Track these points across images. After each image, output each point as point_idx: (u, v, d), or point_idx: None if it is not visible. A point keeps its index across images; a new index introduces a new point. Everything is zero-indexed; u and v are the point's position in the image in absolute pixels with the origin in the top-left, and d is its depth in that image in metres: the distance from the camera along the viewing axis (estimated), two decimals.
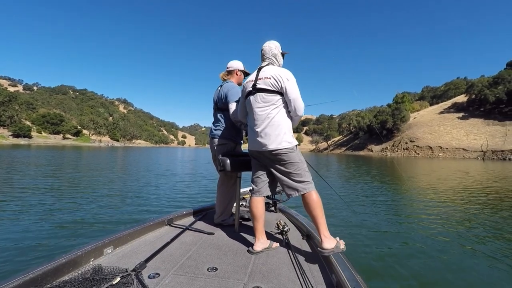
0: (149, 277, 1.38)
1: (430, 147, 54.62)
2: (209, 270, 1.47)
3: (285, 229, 2.01)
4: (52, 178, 8.39)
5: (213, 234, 2.07)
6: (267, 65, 1.82)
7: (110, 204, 5.15)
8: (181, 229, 2.12)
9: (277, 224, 2.11)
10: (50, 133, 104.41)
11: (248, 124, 1.90)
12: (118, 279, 1.28)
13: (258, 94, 1.75)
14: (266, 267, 1.53)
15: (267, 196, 1.95)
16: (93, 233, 3.48)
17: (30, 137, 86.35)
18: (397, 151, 59.20)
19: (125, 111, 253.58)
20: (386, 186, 9.00)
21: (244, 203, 2.80)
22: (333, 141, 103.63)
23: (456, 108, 71.84)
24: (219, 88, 2.31)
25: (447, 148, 52.14)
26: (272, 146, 1.69)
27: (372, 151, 66.36)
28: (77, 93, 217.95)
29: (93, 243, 1.59)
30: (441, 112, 72.37)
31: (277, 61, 1.87)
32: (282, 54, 1.92)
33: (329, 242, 1.59)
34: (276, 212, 2.75)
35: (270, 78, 1.72)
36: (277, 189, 2.17)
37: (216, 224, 2.30)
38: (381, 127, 68.96)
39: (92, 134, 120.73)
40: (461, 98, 76.59)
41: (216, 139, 2.25)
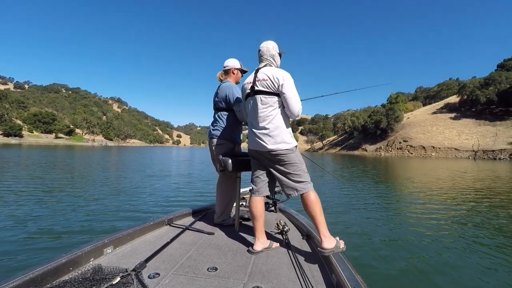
0: (149, 277, 1.38)
1: (423, 147, 55.41)
2: (209, 270, 1.47)
3: (285, 229, 2.01)
4: (49, 178, 8.28)
5: (213, 234, 2.07)
6: (265, 66, 1.83)
7: (110, 204, 5.12)
8: (181, 229, 2.12)
9: (277, 224, 2.12)
10: (42, 132, 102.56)
11: (248, 125, 1.92)
12: (118, 279, 1.28)
13: (257, 96, 1.76)
14: (266, 267, 1.53)
15: (267, 196, 1.95)
16: (93, 233, 3.46)
17: (21, 136, 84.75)
18: (391, 151, 59.88)
19: (119, 110, 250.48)
20: (385, 186, 9.05)
21: (244, 203, 2.80)
22: (328, 141, 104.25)
23: (449, 109, 73.01)
24: (217, 89, 2.31)
25: (440, 148, 52.96)
26: (271, 147, 1.71)
27: (367, 151, 66.97)
28: (70, 92, 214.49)
29: (93, 243, 1.59)
30: (434, 113, 73.46)
31: (275, 62, 1.88)
32: (279, 54, 1.93)
33: (329, 242, 1.60)
34: (276, 212, 2.75)
35: (268, 80, 1.73)
36: (277, 189, 2.17)
37: (216, 224, 2.30)
38: (375, 127, 69.66)
39: (85, 134, 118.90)
40: (453, 99, 77.88)
41: (215, 139, 2.25)
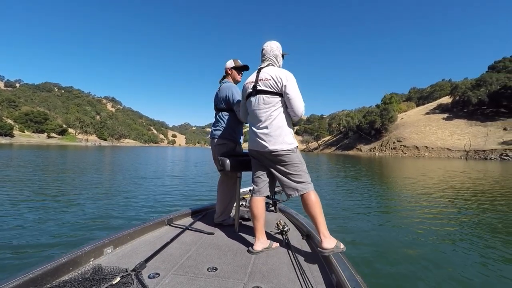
0: (149, 277, 1.37)
1: (417, 147, 56.17)
2: (209, 270, 1.47)
3: (285, 229, 2.01)
4: (46, 178, 8.19)
5: (213, 234, 2.07)
6: (267, 66, 1.82)
7: (109, 205, 5.10)
8: (181, 229, 2.11)
9: (277, 224, 2.12)
10: (34, 132, 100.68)
11: (249, 124, 1.91)
12: (118, 279, 1.28)
13: (259, 96, 1.75)
14: (266, 267, 1.53)
15: (267, 196, 1.95)
16: (93, 233, 3.45)
17: (12, 136, 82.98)
18: (385, 151, 60.54)
19: (113, 110, 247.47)
20: (383, 186, 9.11)
21: (244, 203, 2.80)
22: (323, 141, 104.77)
23: (441, 109, 74.17)
24: (218, 89, 2.33)
25: (433, 148, 53.77)
26: (273, 147, 1.70)
27: (361, 151, 67.57)
28: (63, 91, 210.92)
29: (93, 243, 1.58)
30: (427, 113, 74.55)
31: (278, 62, 1.87)
32: (282, 55, 1.93)
33: (329, 242, 1.60)
34: (276, 212, 2.75)
35: (270, 80, 1.72)
36: (277, 189, 2.17)
37: (216, 224, 2.30)
38: (370, 127, 70.37)
39: (79, 133, 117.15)
40: (446, 100, 79.16)
41: (216, 139, 2.26)
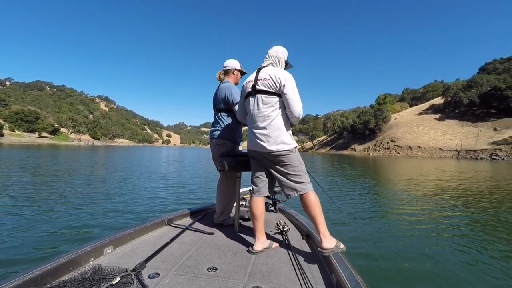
0: (149, 277, 1.37)
1: (410, 147, 56.99)
2: (209, 270, 1.47)
3: (285, 229, 2.01)
4: (43, 179, 8.08)
5: (213, 234, 2.07)
6: (267, 66, 1.81)
7: (109, 205, 5.08)
8: (181, 229, 2.11)
9: (277, 224, 2.12)
10: (25, 131, 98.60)
11: (247, 125, 1.90)
12: (118, 279, 1.27)
13: (258, 96, 1.74)
14: (266, 267, 1.53)
15: (267, 196, 1.95)
16: (93, 233, 3.44)
17: (2, 135, 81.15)
18: (379, 151, 61.23)
19: (107, 109, 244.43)
20: (382, 187, 9.12)
21: (244, 203, 2.80)
22: (318, 141, 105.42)
23: (434, 110, 75.39)
24: (217, 89, 2.30)
25: (425, 148, 54.62)
26: (271, 148, 1.70)
27: (356, 151, 68.19)
28: (55, 89, 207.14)
29: (93, 243, 1.58)
30: (420, 113, 75.67)
31: (279, 64, 1.86)
32: (286, 63, 1.92)
33: (329, 242, 1.60)
34: (276, 212, 2.75)
35: (269, 79, 1.71)
36: (277, 189, 2.17)
37: (216, 224, 2.29)
38: (364, 127, 71.08)
39: (71, 133, 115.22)
40: (438, 100, 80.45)
41: (216, 140, 2.25)
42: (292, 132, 1.85)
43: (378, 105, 77.28)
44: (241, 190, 2.94)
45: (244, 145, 2.11)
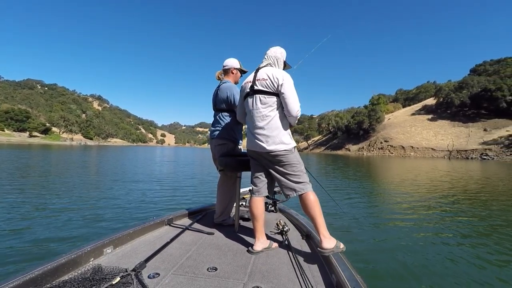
0: (149, 277, 1.37)
1: (403, 147, 57.77)
2: (209, 270, 1.47)
3: (285, 229, 2.01)
4: (40, 179, 7.98)
5: (213, 234, 2.07)
6: (266, 66, 1.83)
7: (108, 205, 5.07)
8: (181, 229, 2.11)
9: (277, 224, 2.12)
10: (15, 131, 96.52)
11: (247, 125, 1.91)
12: (118, 279, 1.27)
13: (256, 96, 1.75)
14: (266, 267, 1.53)
15: (267, 196, 1.95)
16: (93, 233, 3.43)
17: None
18: (373, 151, 61.90)
19: (100, 108, 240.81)
20: (381, 187, 9.16)
21: (244, 203, 2.80)
22: (313, 141, 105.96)
23: (426, 110, 76.59)
24: (217, 89, 2.29)
25: (418, 148, 55.44)
26: (270, 148, 1.70)
27: (350, 151, 68.79)
28: (46, 88, 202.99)
29: (93, 243, 1.57)
30: (413, 114, 76.78)
31: (277, 65, 1.87)
32: (285, 64, 1.93)
33: (329, 242, 1.60)
34: (276, 212, 2.75)
35: (267, 79, 1.72)
36: (277, 189, 2.17)
37: (216, 224, 2.29)
38: (358, 127, 71.77)
39: (63, 132, 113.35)
40: (431, 101, 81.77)
41: (216, 140, 2.25)
42: None
43: (372, 106, 78.12)
44: (241, 190, 2.94)
45: (244, 145, 2.11)
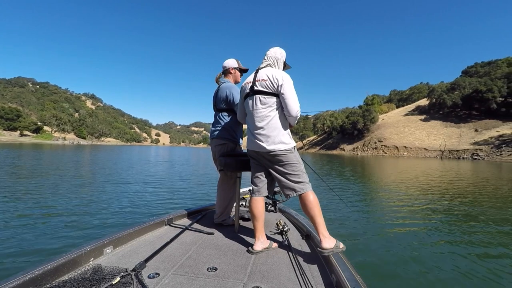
0: (149, 277, 1.38)
1: (396, 147, 58.50)
2: (209, 270, 1.48)
3: (285, 229, 2.02)
4: (38, 179, 7.85)
5: (213, 234, 2.07)
6: (266, 67, 1.84)
7: (108, 205, 5.06)
8: (181, 229, 2.11)
9: (277, 224, 2.12)
10: (5, 130, 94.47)
11: (247, 125, 1.92)
12: (118, 279, 1.27)
13: (256, 96, 1.76)
14: (266, 267, 1.54)
15: (267, 196, 1.95)
16: (93, 233, 3.42)
17: None
18: (367, 151, 62.52)
19: (93, 107, 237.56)
20: (380, 187, 9.16)
21: (244, 203, 2.80)
22: (308, 141, 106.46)
23: (419, 111, 77.68)
24: (217, 89, 2.30)
25: (411, 148, 56.20)
26: (270, 147, 1.72)
27: (344, 150, 69.35)
28: (38, 86, 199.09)
29: (93, 243, 1.57)
30: (406, 114, 77.78)
31: (277, 65, 1.88)
32: (285, 64, 1.94)
33: (329, 242, 1.61)
34: (276, 212, 2.76)
35: (267, 80, 1.73)
36: (277, 189, 2.17)
37: (216, 224, 2.30)
38: (353, 128, 72.39)
39: (55, 131, 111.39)
40: (424, 102, 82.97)
41: (216, 140, 2.25)
42: None
43: (367, 106, 78.94)
44: (241, 190, 2.94)
45: (244, 145, 2.12)
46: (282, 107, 1.76)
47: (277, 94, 1.73)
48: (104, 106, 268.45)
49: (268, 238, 1.88)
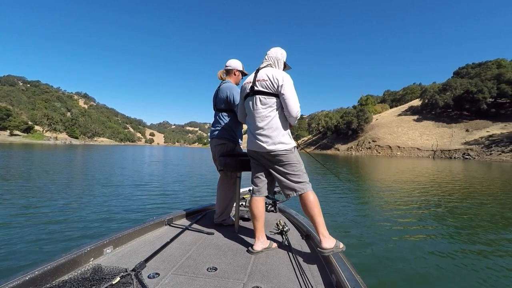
0: (149, 277, 1.37)
1: (390, 147, 59.30)
2: (209, 270, 1.48)
3: (285, 229, 2.01)
4: (37, 179, 7.77)
5: (213, 234, 2.07)
6: (266, 67, 1.83)
7: (107, 205, 5.04)
8: (181, 229, 2.11)
9: (277, 224, 2.11)
10: None
11: (247, 125, 1.92)
12: (118, 279, 1.27)
13: (256, 96, 1.76)
14: (266, 267, 1.54)
15: (267, 196, 1.94)
16: (93, 233, 3.41)
17: None
18: (361, 150, 63.20)
19: (86, 107, 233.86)
20: (379, 187, 9.18)
21: (244, 203, 2.79)
22: (303, 141, 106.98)
23: (412, 111, 78.86)
24: (218, 89, 2.29)
25: (404, 148, 57.05)
26: (270, 148, 1.72)
27: (339, 150, 69.96)
28: (28, 85, 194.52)
29: (93, 243, 1.56)
30: (399, 115, 78.89)
31: (277, 65, 1.88)
32: (285, 64, 1.94)
33: (329, 242, 1.61)
34: (276, 212, 2.76)
35: (267, 80, 1.72)
36: (277, 189, 2.17)
37: (216, 224, 2.29)
38: (347, 128, 73.08)
39: (46, 131, 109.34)
40: (416, 102, 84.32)
41: (216, 140, 2.24)
42: None
43: (361, 106, 79.86)
44: (241, 190, 2.94)
45: (244, 146, 2.12)
46: (282, 107, 1.76)
47: (277, 95, 1.74)
48: (97, 106, 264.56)
49: (268, 238, 1.88)
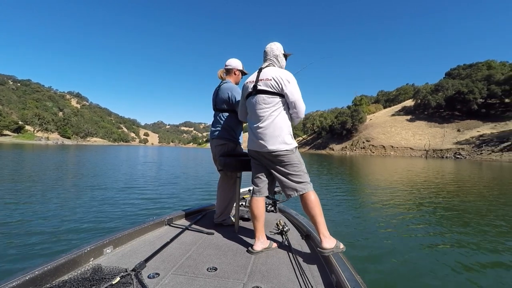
0: (149, 277, 1.37)
1: (384, 146, 60.01)
2: (209, 270, 1.48)
3: (285, 229, 2.02)
4: (37, 179, 7.71)
5: (213, 234, 2.07)
6: (268, 66, 1.83)
7: (107, 205, 5.04)
8: (181, 229, 2.10)
9: (277, 224, 2.11)
10: None
11: (248, 124, 1.90)
12: (118, 279, 1.27)
13: (259, 96, 1.75)
14: (266, 267, 1.54)
15: (267, 196, 1.94)
16: (93, 233, 3.41)
17: None
18: (355, 150, 63.79)
19: (78, 106, 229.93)
20: (378, 187, 9.23)
21: (244, 203, 2.79)
22: (298, 140, 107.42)
23: (405, 111, 79.96)
24: (218, 89, 2.27)
25: (397, 147, 57.80)
26: (272, 147, 1.71)
27: (333, 150, 70.47)
28: (19, 84, 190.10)
29: (93, 243, 1.56)
30: (393, 115, 79.90)
31: (279, 62, 1.87)
32: (285, 56, 1.93)
33: (329, 242, 1.60)
34: (276, 212, 2.76)
35: (271, 80, 1.71)
36: (277, 189, 2.18)
37: (216, 224, 2.29)
38: (342, 127, 73.68)
39: (38, 131, 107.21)
40: (409, 102, 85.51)
41: (216, 140, 2.23)
42: None
43: (355, 106, 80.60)
44: (241, 190, 2.94)
45: (244, 146, 2.11)
46: (285, 107, 1.76)
47: (281, 94, 1.73)
48: (90, 105, 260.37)
49: (268, 238, 1.89)
